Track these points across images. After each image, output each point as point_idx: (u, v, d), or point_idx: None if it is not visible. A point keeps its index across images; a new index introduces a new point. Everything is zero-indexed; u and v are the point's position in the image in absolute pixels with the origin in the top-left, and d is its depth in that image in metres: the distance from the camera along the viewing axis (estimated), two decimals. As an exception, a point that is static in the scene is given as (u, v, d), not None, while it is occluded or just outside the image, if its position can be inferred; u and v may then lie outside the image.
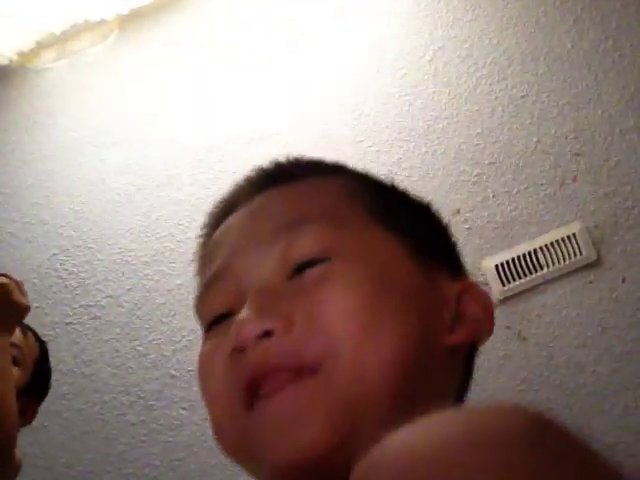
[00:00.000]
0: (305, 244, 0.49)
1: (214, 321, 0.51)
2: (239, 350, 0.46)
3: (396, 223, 0.52)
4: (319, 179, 0.55)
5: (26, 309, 1.17)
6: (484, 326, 0.52)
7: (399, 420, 0.42)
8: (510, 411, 0.33)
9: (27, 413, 1.24)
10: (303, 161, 0.59)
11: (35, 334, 1.33)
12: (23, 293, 1.17)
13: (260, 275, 0.49)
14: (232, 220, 0.55)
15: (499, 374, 1.73)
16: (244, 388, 0.47)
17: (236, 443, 0.49)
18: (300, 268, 0.49)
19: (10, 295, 1.14)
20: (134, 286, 1.87)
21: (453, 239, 0.58)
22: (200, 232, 0.59)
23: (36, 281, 1.90)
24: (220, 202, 0.59)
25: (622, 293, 1.72)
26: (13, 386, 1.14)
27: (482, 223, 1.77)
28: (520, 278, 1.74)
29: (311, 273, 0.48)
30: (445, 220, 0.59)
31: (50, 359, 1.44)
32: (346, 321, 0.46)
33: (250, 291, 0.48)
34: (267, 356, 0.46)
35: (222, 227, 0.56)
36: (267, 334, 0.46)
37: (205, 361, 0.51)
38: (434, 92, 1.82)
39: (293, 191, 0.54)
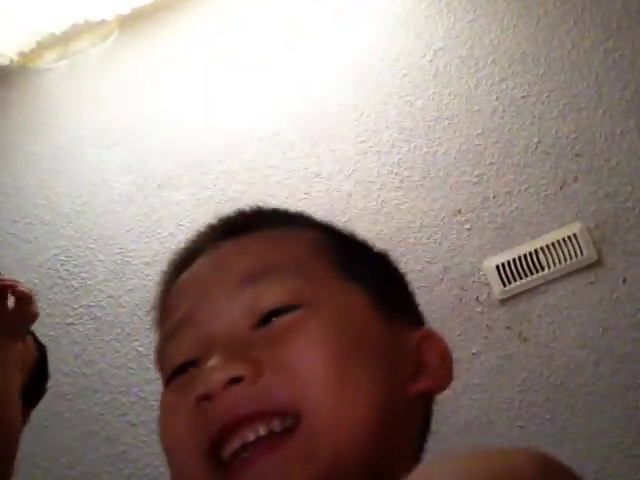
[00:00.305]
0: (274, 293, 0.48)
1: (176, 371, 0.50)
2: (206, 398, 0.45)
3: (359, 275, 0.52)
4: (285, 230, 0.55)
5: (36, 318, 1.18)
6: (443, 375, 0.52)
7: (372, 474, 0.43)
8: (524, 455, 0.35)
9: (23, 417, 1.24)
10: (267, 211, 0.59)
11: (35, 337, 1.33)
12: (34, 301, 1.18)
13: (227, 323, 0.48)
14: (195, 268, 0.54)
15: (500, 374, 1.73)
16: (210, 440, 0.45)
17: None
18: (268, 317, 0.48)
19: (29, 305, 1.14)
20: (135, 287, 1.87)
21: (410, 287, 0.59)
22: (160, 280, 0.58)
23: (37, 281, 1.90)
24: (181, 250, 0.57)
25: (623, 293, 1.72)
26: (18, 394, 1.13)
27: (483, 223, 1.77)
28: (521, 278, 1.74)
29: (280, 321, 0.48)
30: (401, 268, 0.59)
31: (51, 360, 1.44)
32: (316, 374, 0.45)
33: (217, 339, 0.47)
34: (235, 404, 0.45)
35: (184, 275, 0.54)
36: (235, 380, 0.45)
37: (167, 411, 0.49)
38: (435, 92, 1.82)
39: (259, 240, 0.53)
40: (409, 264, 1.76)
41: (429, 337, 0.53)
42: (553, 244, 1.74)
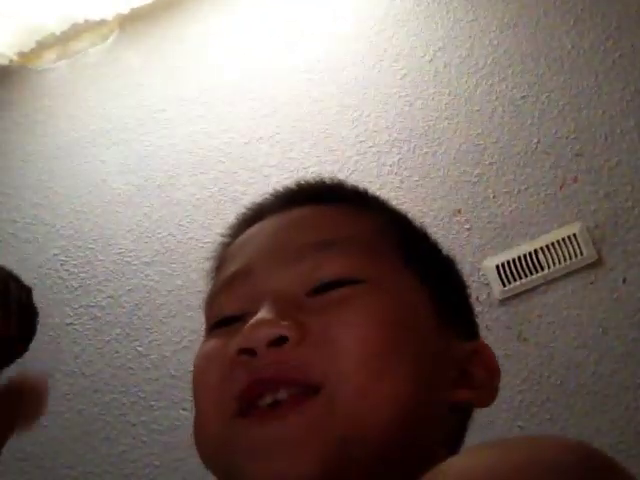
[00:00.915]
0: (336, 264, 0.48)
1: (221, 322, 0.50)
2: (248, 351, 0.45)
3: (424, 271, 0.52)
4: (360, 209, 0.54)
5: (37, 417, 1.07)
6: (487, 392, 0.52)
7: (389, 465, 0.43)
8: (570, 446, 0.35)
9: (18, 352, 1.12)
10: (346, 187, 0.59)
11: (18, 282, 1.21)
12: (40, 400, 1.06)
13: (283, 284, 0.48)
14: (263, 225, 0.53)
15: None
16: (242, 391, 0.45)
17: (217, 447, 0.47)
18: (325, 287, 0.47)
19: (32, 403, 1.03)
20: (135, 287, 1.87)
21: (471, 299, 0.58)
22: (224, 232, 0.58)
23: (36, 281, 1.89)
24: (252, 206, 0.57)
25: (623, 293, 1.72)
26: None
27: (482, 223, 1.77)
28: (521, 278, 1.74)
29: (337, 292, 0.47)
30: (465, 280, 0.59)
31: (50, 360, 1.43)
32: (360, 351, 0.45)
33: (270, 297, 0.47)
34: (277, 366, 0.45)
35: (249, 231, 0.54)
36: (280, 340, 0.45)
37: (204, 356, 0.49)
38: (434, 92, 1.82)
39: (332, 212, 0.53)
40: (409, 264, 1.76)
41: (481, 351, 0.53)
42: (553, 244, 1.74)
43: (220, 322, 0.50)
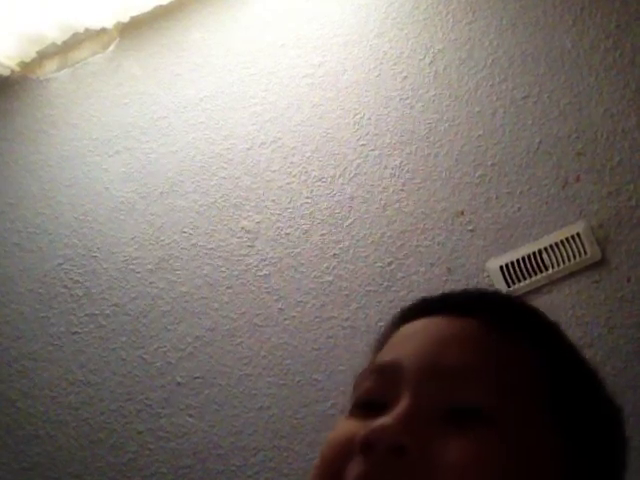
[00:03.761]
0: (471, 395, 0.49)
1: (364, 403, 0.53)
2: (368, 449, 0.47)
3: (572, 432, 0.51)
4: (514, 339, 0.54)
5: None
6: None
7: None
8: None
9: None
10: (524, 311, 0.60)
11: None
12: None
13: (421, 394, 0.49)
14: (425, 326, 0.56)
15: (506, 375, 1.72)
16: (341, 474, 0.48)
17: None
18: (455, 413, 0.48)
19: None
20: (139, 294, 1.87)
21: (627, 459, 0.55)
22: (391, 318, 0.61)
23: (41, 290, 1.90)
24: (417, 301, 0.60)
25: (628, 292, 1.72)
26: None
27: (486, 224, 1.77)
28: (525, 279, 1.74)
29: (462, 426, 0.48)
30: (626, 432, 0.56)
31: (55, 369, 1.43)
32: None
33: (406, 402, 0.49)
34: (386, 470, 0.46)
35: (415, 324, 0.56)
36: (400, 449, 0.46)
37: (339, 437, 0.51)
38: (435, 95, 1.82)
39: (493, 338, 0.54)
40: (412, 267, 1.76)
41: None
42: (557, 244, 1.73)
43: (362, 403, 0.53)
